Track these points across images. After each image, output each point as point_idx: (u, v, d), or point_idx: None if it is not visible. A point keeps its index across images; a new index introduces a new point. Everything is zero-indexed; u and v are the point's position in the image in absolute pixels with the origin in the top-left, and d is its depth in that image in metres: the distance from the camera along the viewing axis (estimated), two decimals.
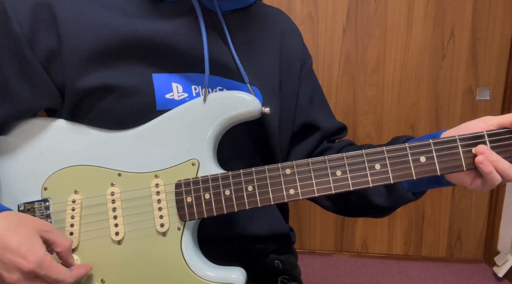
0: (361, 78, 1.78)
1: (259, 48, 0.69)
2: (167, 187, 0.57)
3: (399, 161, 0.54)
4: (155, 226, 0.57)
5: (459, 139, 0.54)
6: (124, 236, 0.57)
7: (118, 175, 0.58)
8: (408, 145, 0.54)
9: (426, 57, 1.74)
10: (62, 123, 0.60)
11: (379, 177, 0.54)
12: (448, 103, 1.78)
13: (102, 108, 0.58)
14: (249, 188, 0.55)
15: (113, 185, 0.58)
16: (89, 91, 0.57)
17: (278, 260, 0.73)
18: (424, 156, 0.54)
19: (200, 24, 0.61)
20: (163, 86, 0.59)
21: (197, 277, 0.57)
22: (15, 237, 0.48)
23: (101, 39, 0.57)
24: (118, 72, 0.57)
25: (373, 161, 0.54)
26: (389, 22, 1.73)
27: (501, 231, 1.81)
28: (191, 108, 0.59)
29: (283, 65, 0.70)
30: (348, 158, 0.55)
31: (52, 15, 0.57)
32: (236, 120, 0.59)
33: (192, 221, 0.57)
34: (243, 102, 0.58)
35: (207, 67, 0.60)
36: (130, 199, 0.58)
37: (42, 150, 0.59)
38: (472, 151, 0.53)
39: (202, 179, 0.56)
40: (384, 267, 1.86)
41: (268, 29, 0.71)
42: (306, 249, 1.96)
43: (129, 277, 0.57)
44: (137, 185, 0.58)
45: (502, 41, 1.71)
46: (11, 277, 0.47)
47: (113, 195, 0.58)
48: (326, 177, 0.55)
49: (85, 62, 0.56)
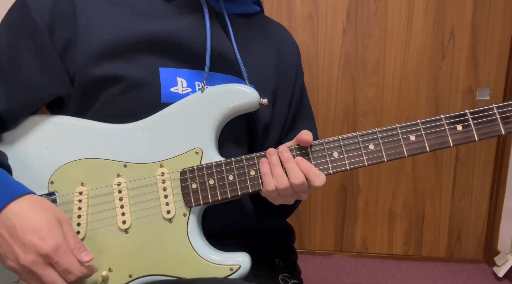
0: (361, 78, 1.78)
1: (259, 52, 0.72)
2: (172, 174, 0.59)
3: (391, 140, 0.57)
4: (161, 212, 0.59)
5: (444, 118, 0.57)
6: (131, 224, 0.59)
7: (124, 166, 0.60)
8: (398, 125, 0.57)
9: (426, 57, 1.74)
10: (67, 120, 0.62)
11: (373, 156, 0.57)
12: (448, 103, 1.78)
13: (109, 98, 0.60)
14: (251, 172, 0.59)
15: (119, 175, 0.60)
16: (98, 81, 0.59)
17: (279, 258, 0.74)
18: (413, 135, 0.57)
19: (206, 22, 0.65)
20: (169, 79, 0.62)
21: (205, 261, 0.58)
22: (37, 219, 0.49)
23: (115, 35, 0.60)
24: (127, 64, 0.60)
25: (367, 141, 0.57)
26: (389, 22, 1.73)
27: (501, 231, 1.81)
28: (194, 101, 0.61)
29: (280, 73, 0.74)
30: (344, 139, 0.58)
31: (73, 9, 0.60)
32: (237, 111, 0.62)
33: (197, 207, 0.59)
34: (243, 94, 0.61)
35: (208, 60, 0.63)
36: (136, 188, 0.59)
37: (48, 145, 0.60)
38: (457, 128, 0.57)
39: (206, 166, 0.59)
40: (384, 267, 1.86)
41: (268, 37, 0.75)
42: (306, 249, 1.96)
43: (136, 265, 0.58)
44: (143, 174, 0.60)
45: (502, 41, 1.71)
46: (26, 258, 0.48)
47: (119, 185, 0.59)
48: (324, 158, 0.58)
49: (97, 54, 0.59)
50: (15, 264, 0.49)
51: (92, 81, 0.59)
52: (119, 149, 0.60)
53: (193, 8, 0.66)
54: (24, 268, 0.49)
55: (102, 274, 0.57)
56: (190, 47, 0.63)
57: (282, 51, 0.76)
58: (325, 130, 1.81)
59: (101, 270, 0.57)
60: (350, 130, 1.82)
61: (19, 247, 0.48)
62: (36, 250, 0.48)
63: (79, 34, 0.59)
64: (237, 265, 0.58)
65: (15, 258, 0.48)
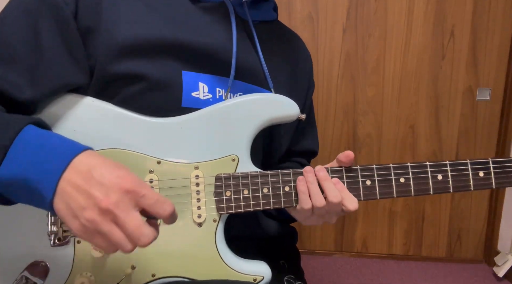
0: (361, 78, 1.78)
1: (280, 60, 0.73)
2: (206, 179, 0.59)
3: (420, 176, 0.60)
4: (192, 216, 0.58)
5: (470, 163, 0.60)
6: (159, 224, 0.57)
7: (158, 162, 0.58)
8: (429, 163, 0.60)
9: (426, 57, 1.74)
10: (99, 104, 0.58)
11: (402, 189, 0.60)
12: (448, 103, 1.78)
13: (128, 95, 0.58)
14: (286, 188, 0.59)
15: (151, 172, 0.58)
16: (119, 77, 0.57)
17: (284, 260, 0.74)
18: (440, 174, 0.60)
19: (233, 30, 0.64)
20: (191, 84, 0.61)
21: (230, 269, 0.58)
22: (111, 163, 0.44)
23: (141, 33, 0.58)
24: (150, 64, 0.58)
25: (399, 174, 0.60)
26: (389, 22, 1.73)
27: (501, 231, 1.81)
28: (235, 106, 0.60)
29: (293, 81, 0.74)
30: (378, 169, 0.60)
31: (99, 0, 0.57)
32: (276, 122, 0.62)
33: (225, 215, 0.59)
34: (285, 105, 0.61)
35: (233, 68, 0.63)
36: (168, 188, 0.58)
37: (76, 128, 0.56)
38: (479, 174, 0.61)
39: (242, 175, 0.59)
40: (384, 267, 1.85)
41: (287, 46, 0.76)
42: (306, 249, 1.96)
43: (161, 265, 0.57)
44: (177, 175, 0.58)
45: (502, 41, 1.71)
46: (108, 200, 0.41)
47: (151, 182, 0.58)
48: (357, 185, 0.59)
49: (121, 49, 0.57)
50: (94, 213, 0.41)
51: (113, 76, 0.57)
52: (153, 144, 0.58)
53: (219, 13, 0.65)
54: (106, 215, 0.41)
55: (125, 271, 0.56)
56: (215, 54, 0.62)
57: (298, 61, 0.76)
58: (325, 130, 1.81)
59: (124, 267, 0.56)
60: (350, 130, 1.82)
61: (98, 190, 0.41)
62: (120, 186, 0.41)
63: (103, 25, 0.57)
64: (261, 276, 0.58)
65: (94, 205, 0.41)
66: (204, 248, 0.58)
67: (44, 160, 0.43)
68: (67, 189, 0.42)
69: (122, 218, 0.41)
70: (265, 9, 0.72)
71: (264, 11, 0.72)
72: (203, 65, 0.62)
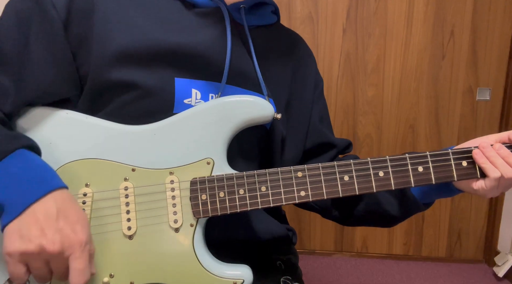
0: (361, 78, 1.78)
1: (277, 65, 0.72)
2: (182, 183, 0.58)
3: (400, 169, 0.59)
4: (169, 221, 0.58)
5: (452, 153, 0.59)
6: (136, 231, 0.57)
7: (132, 170, 0.58)
8: (408, 155, 0.58)
9: (426, 57, 1.74)
10: (72, 115, 0.59)
11: (382, 183, 0.58)
12: (448, 103, 1.78)
13: (121, 103, 0.59)
14: (263, 188, 0.58)
15: (126, 179, 0.58)
16: (112, 85, 0.58)
17: (280, 261, 0.74)
18: (421, 166, 0.58)
19: (227, 34, 0.64)
20: (184, 90, 0.61)
21: (209, 273, 0.57)
22: (78, 213, 0.50)
23: (133, 40, 0.58)
24: (143, 71, 0.59)
25: (378, 168, 0.58)
26: (389, 22, 1.73)
27: (501, 231, 1.81)
28: (207, 109, 0.60)
29: (295, 84, 0.73)
30: (356, 164, 0.58)
31: (91, 6, 0.58)
32: (250, 123, 0.61)
33: (203, 219, 0.59)
34: (258, 106, 0.60)
35: (225, 73, 0.62)
36: (143, 194, 0.58)
37: (52, 141, 0.58)
38: (462, 163, 0.59)
39: (217, 178, 0.58)
40: (384, 267, 1.86)
41: (287, 49, 0.75)
42: (306, 249, 1.96)
43: (138, 272, 0.57)
44: (152, 181, 0.58)
45: (502, 41, 1.71)
46: (52, 246, 0.47)
47: (126, 190, 0.58)
48: (335, 181, 0.58)
49: (114, 57, 0.57)
50: (34, 246, 0.46)
51: (105, 84, 0.58)
52: (127, 152, 0.58)
53: (214, 18, 0.65)
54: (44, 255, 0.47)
55: (103, 280, 0.56)
56: (209, 59, 0.62)
57: (300, 63, 0.75)
58: None
59: (102, 276, 0.56)
60: (350, 130, 1.82)
61: (51, 232, 0.47)
62: (69, 241, 0.47)
63: (95, 33, 0.57)
64: (240, 280, 0.58)
65: (39, 243, 0.46)
66: (182, 253, 0.57)
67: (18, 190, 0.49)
68: (27, 219, 0.47)
69: (54, 265, 0.48)
70: (262, 13, 0.71)
71: (261, 16, 0.71)
72: (197, 71, 0.62)
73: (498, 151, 0.58)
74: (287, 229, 0.76)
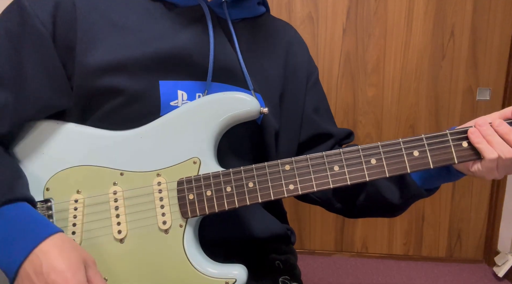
0: (361, 78, 1.78)
1: (265, 57, 0.70)
2: (169, 184, 0.58)
3: (394, 155, 0.56)
4: (158, 223, 0.58)
5: (449, 134, 0.55)
6: (126, 234, 0.58)
7: (121, 174, 0.59)
8: (402, 140, 0.56)
9: (426, 57, 1.74)
10: (63, 125, 0.61)
11: (375, 171, 0.56)
12: (448, 103, 1.78)
13: (109, 109, 0.59)
14: (250, 184, 0.57)
15: (115, 184, 0.59)
16: (99, 92, 0.58)
17: (279, 260, 0.74)
18: (417, 150, 0.55)
19: (209, 31, 0.63)
20: (169, 93, 0.61)
21: (200, 273, 0.57)
22: (64, 260, 0.49)
23: (116, 46, 0.59)
24: (128, 77, 0.59)
25: (369, 155, 0.56)
26: (389, 22, 1.73)
27: (501, 231, 1.81)
28: (191, 109, 0.60)
29: (287, 76, 0.72)
30: (345, 153, 0.56)
31: (73, 13, 0.58)
32: (236, 120, 0.60)
33: (193, 219, 0.58)
34: (242, 102, 0.59)
35: (210, 71, 0.62)
36: (132, 197, 0.58)
37: (44, 151, 0.59)
38: (462, 145, 0.55)
39: (204, 176, 0.58)
40: (384, 267, 1.86)
41: (275, 40, 0.73)
42: (306, 249, 1.96)
43: (131, 275, 0.58)
44: (139, 184, 0.59)
45: (502, 41, 1.71)
46: None
47: (115, 194, 0.58)
48: (324, 172, 0.56)
49: (98, 67, 0.58)
50: None
51: (92, 92, 0.59)
52: (115, 157, 0.59)
53: (195, 16, 0.64)
54: None
55: None
56: (193, 59, 0.62)
57: (291, 53, 0.73)
58: None
59: None
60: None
61: None
62: None
63: (78, 45, 0.58)
64: (233, 279, 0.57)
65: None
66: (172, 254, 0.58)
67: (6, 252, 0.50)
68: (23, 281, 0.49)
69: None
70: (247, 5, 0.70)
71: (246, 8, 0.70)
72: (181, 72, 0.62)
73: (497, 127, 0.53)
74: (286, 229, 0.76)
